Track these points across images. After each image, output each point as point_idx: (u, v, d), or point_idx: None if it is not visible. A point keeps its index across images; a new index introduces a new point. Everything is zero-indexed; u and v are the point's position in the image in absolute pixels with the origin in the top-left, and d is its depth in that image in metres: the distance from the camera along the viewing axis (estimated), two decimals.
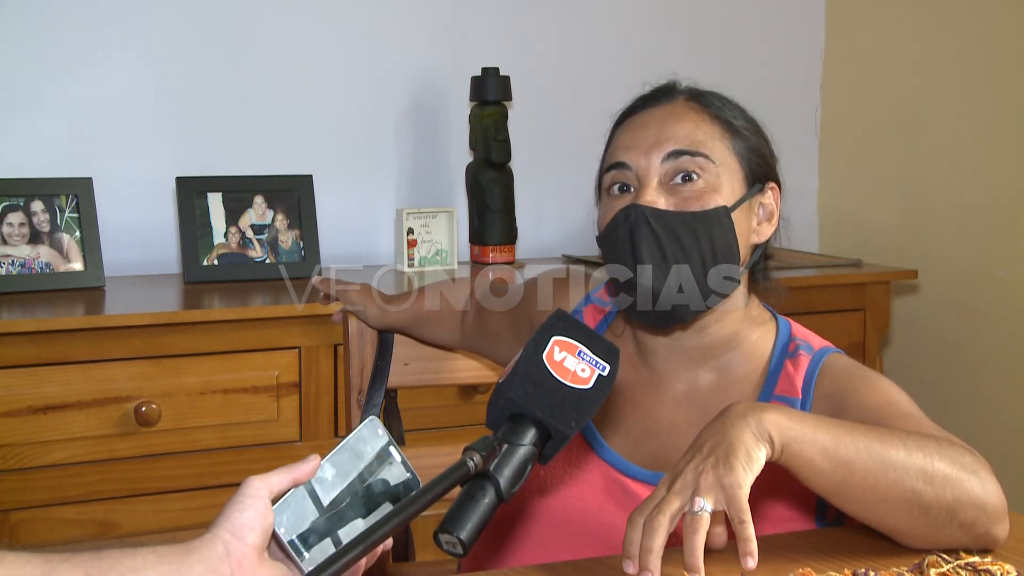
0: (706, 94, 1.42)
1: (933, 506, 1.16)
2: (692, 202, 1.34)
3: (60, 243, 2.37)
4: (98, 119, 2.54)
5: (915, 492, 1.16)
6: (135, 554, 0.93)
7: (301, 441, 2.24)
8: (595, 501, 1.38)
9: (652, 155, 1.35)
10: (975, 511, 1.17)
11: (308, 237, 2.58)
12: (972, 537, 1.19)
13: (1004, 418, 2.75)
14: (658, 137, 1.36)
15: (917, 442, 1.18)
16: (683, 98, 1.41)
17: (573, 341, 1.08)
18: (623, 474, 1.38)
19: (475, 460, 0.99)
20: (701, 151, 1.35)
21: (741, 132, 1.39)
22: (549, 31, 2.93)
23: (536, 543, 1.40)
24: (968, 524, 1.17)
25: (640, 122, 1.40)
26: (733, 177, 1.37)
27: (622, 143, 1.39)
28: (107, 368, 2.11)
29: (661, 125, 1.37)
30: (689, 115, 1.38)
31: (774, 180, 1.42)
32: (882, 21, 3.08)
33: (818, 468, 1.16)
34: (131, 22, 2.55)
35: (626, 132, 1.41)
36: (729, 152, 1.37)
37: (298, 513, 1.01)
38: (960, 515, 1.17)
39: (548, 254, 2.94)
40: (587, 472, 1.39)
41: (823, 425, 1.17)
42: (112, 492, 2.12)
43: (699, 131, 1.37)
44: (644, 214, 1.33)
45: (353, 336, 1.75)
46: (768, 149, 1.43)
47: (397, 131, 2.81)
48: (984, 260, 2.80)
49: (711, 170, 1.35)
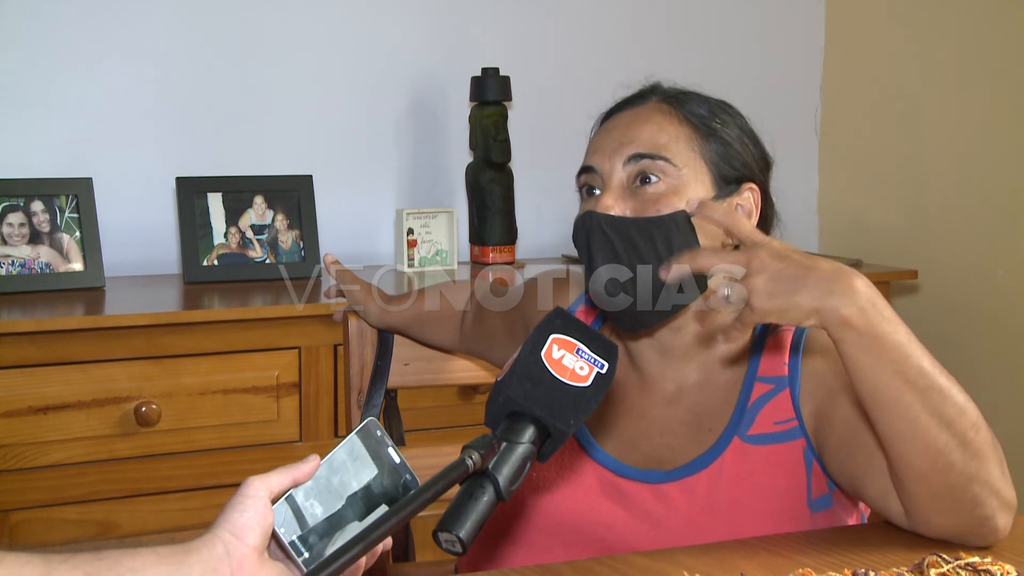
0: (681, 95, 1.42)
1: (956, 466, 1.16)
2: (650, 206, 1.34)
3: (60, 243, 2.37)
4: (98, 119, 2.54)
5: (949, 448, 1.15)
6: (134, 555, 0.93)
7: (301, 441, 2.24)
8: (589, 502, 1.38)
9: (615, 158, 1.37)
10: (988, 492, 1.18)
11: (308, 237, 2.58)
12: (976, 519, 1.19)
13: (1004, 418, 2.75)
14: (621, 140, 1.37)
15: (973, 409, 1.17)
16: (655, 99, 1.42)
17: (571, 339, 1.08)
18: (617, 475, 1.38)
19: (474, 458, 0.99)
20: (662, 154, 1.35)
21: (716, 135, 1.38)
22: (549, 31, 2.93)
23: (531, 545, 1.40)
24: (978, 501, 1.18)
25: (609, 126, 1.42)
26: (698, 179, 1.36)
27: (592, 147, 1.42)
28: (107, 368, 2.11)
29: (626, 128, 1.38)
30: (655, 117, 1.39)
31: (755, 181, 1.41)
32: (882, 22, 3.08)
33: (864, 378, 1.15)
34: (131, 22, 2.55)
35: (596, 136, 1.43)
36: (695, 155, 1.37)
37: (297, 513, 1.01)
38: (975, 489, 1.17)
39: (548, 254, 2.94)
40: (581, 475, 1.40)
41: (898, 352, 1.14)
42: (112, 492, 2.12)
43: (663, 133, 1.37)
44: (599, 221, 1.34)
45: (353, 336, 1.75)
46: (754, 153, 1.42)
47: (397, 131, 2.81)
48: (984, 260, 2.80)
49: (672, 173, 1.35)
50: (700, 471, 1.35)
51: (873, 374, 1.15)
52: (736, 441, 1.36)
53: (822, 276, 1.12)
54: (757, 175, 1.42)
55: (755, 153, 1.42)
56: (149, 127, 2.59)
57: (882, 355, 1.14)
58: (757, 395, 1.37)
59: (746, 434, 1.36)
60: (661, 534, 1.33)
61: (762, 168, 1.43)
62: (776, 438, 1.36)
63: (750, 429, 1.36)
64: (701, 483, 1.35)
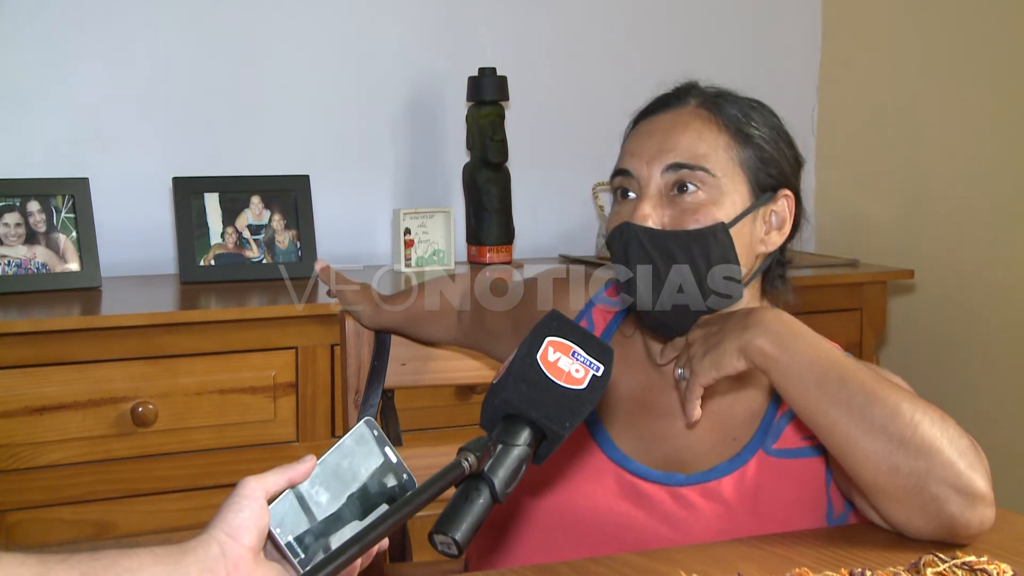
0: (720, 99, 1.40)
1: (903, 467, 1.18)
2: (688, 216, 1.33)
3: (56, 243, 2.37)
4: (94, 119, 2.54)
5: (887, 451, 1.19)
6: (131, 555, 0.93)
7: (298, 441, 2.24)
8: (607, 502, 1.37)
9: (653, 165, 1.35)
10: (949, 490, 1.18)
11: (305, 237, 2.58)
12: (944, 517, 1.19)
13: (999, 417, 2.76)
14: (661, 147, 1.36)
15: (909, 407, 1.20)
16: (694, 104, 1.39)
17: (567, 342, 1.08)
18: (636, 476, 1.38)
19: (470, 461, 0.99)
20: (701, 164, 1.34)
21: (754, 141, 1.37)
22: (546, 31, 2.93)
23: (546, 544, 1.40)
24: (940, 499, 1.18)
25: (646, 129, 1.40)
26: (736, 188, 1.35)
27: (629, 149, 1.40)
28: (104, 368, 2.11)
29: (665, 134, 1.37)
30: (694, 124, 1.37)
31: (790, 187, 1.40)
32: (879, 21, 3.08)
33: (794, 401, 1.25)
34: (127, 23, 2.55)
35: (634, 138, 1.41)
36: (734, 163, 1.35)
37: (294, 514, 1.01)
38: (932, 488, 1.18)
39: (545, 254, 2.95)
40: (599, 475, 1.39)
41: (813, 369, 1.23)
42: (109, 492, 2.12)
43: (702, 142, 1.35)
44: (636, 233, 1.33)
45: (350, 336, 1.75)
46: (788, 155, 1.40)
47: (394, 131, 2.81)
48: (980, 260, 2.81)
49: (711, 183, 1.34)
50: (722, 478, 1.35)
51: (799, 397, 1.23)
52: (760, 453, 1.36)
53: (737, 320, 1.26)
54: (791, 180, 1.41)
55: (789, 155, 1.41)
56: (146, 127, 2.59)
57: (802, 375, 1.23)
58: (785, 409, 1.37)
59: (771, 447, 1.36)
60: (678, 537, 1.33)
61: (795, 170, 1.42)
62: (801, 453, 1.36)
63: (776, 443, 1.37)
64: (722, 490, 1.35)
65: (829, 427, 1.22)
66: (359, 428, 1.06)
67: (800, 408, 1.24)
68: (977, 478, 1.19)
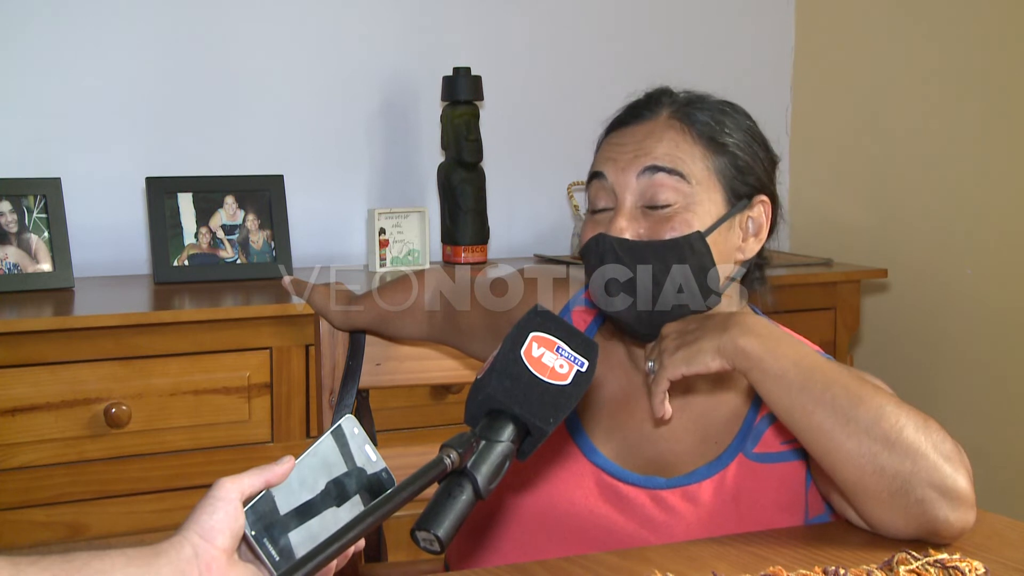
0: (691, 108, 1.38)
1: (888, 469, 1.19)
2: (664, 226, 1.32)
3: (28, 244, 2.35)
4: (67, 119, 2.52)
5: (872, 453, 1.19)
6: (103, 556, 0.93)
7: (273, 442, 2.23)
8: (587, 505, 1.37)
9: (628, 172, 1.34)
10: (934, 492, 1.19)
11: (279, 237, 2.57)
12: (927, 519, 1.20)
13: (973, 414, 2.78)
14: (636, 153, 1.35)
15: (894, 410, 1.20)
16: (667, 113, 1.38)
17: (551, 337, 1.08)
18: (616, 479, 1.37)
19: (452, 457, 0.98)
20: (678, 169, 1.33)
21: (728, 149, 1.36)
22: (521, 31, 2.93)
23: (527, 545, 1.40)
24: (925, 501, 1.19)
25: (619, 140, 1.38)
26: (711, 197, 1.34)
27: (603, 154, 1.39)
28: (76, 369, 2.09)
29: (639, 145, 1.36)
30: (668, 133, 1.36)
31: (766, 192, 1.39)
32: (852, 21, 3.10)
33: (776, 402, 1.24)
34: (100, 21, 2.53)
35: (607, 146, 1.40)
36: (709, 172, 1.35)
37: (270, 515, 1.01)
38: (918, 491, 1.19)
39: (520, 254, 2.95)
40: (579, 477, 1.39)
41: (797, 370, 1.22)
42: (82, 494, 2.11)
43: (678, 150, 1.34)
44: (612, 245, 1.33)
45: (324, 336, 1.74)
46: (763, 158, 1.40)
47: (369, 131, 2.80)
48: (952, 259, 2.83)
49: (685, 190, 1.33)
50: (702, 481, 1.36)
51: (782, 397, 1.23)
52: (741, 457, 1.37)
53: (717, 321, 1.26)
54: (767, 185, 1.40)
55: (764, 158, 1.40)
56: (118, 126, 2.57)
57: (785, 376, 1.22)
58: (765, 412, 1.38)
59: (752, 451, 1.37)
60: (658, 540, 1.33)
61: (770, 173, 1.41)
62: (781, 457, 1.37)
63: (756, 447, 1.37)
64: (702, 493, 1.35)
65: (813, 429, 1.21)
66: (339, 426, 1.06)
67: (782, 410, 1.23)
68: (961, 480, 1.20)
